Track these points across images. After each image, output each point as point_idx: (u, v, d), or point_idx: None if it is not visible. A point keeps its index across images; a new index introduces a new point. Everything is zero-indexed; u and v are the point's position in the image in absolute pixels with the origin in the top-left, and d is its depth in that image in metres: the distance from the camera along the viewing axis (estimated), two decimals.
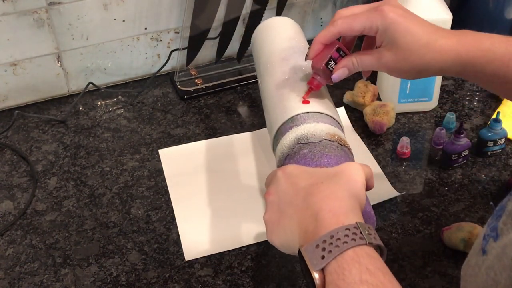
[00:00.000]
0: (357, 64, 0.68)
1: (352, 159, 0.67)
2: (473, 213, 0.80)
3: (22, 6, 0.94)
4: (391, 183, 0.85)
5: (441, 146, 0.88)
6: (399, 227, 0.79)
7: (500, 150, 0.89)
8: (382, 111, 0.93)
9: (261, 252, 0.76)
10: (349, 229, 0.49)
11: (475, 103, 0.99)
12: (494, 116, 0.88)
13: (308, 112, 0.69)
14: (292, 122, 0.69)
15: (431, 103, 0.97)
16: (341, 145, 0.67)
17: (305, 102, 0.71)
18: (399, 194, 0.83)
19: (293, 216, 0.54)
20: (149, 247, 0.78)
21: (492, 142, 0.87)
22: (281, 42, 0.81)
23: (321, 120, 0.69)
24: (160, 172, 0.89)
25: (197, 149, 0.93)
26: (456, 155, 0.85)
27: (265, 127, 0.95)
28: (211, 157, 0.91)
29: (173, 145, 0.94)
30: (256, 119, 0.98)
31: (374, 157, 0.89)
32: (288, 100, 0.72)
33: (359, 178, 0.55)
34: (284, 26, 0.86)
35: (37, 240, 0.80)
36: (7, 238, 0.80)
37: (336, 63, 0.69)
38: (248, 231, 0.79)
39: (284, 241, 0.55)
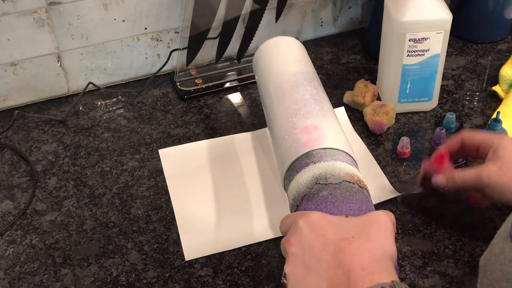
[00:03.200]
0: (457, 178, 0.71)
1: (371, 202, 0.64)
2: (473, 213, 0.80)
3: (22, 6, 0.94)
4: (391, 183, 0.85)
5: None
6: (399, 227, 0.79)
7: None
8: (382, 111, 0.93)
9: (261, 252, 0.77)
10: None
11: (475, 103, 0.99)
12: (494, 116, 0.87)
13: (325, 148, 0.66)
14: (308, 158, 0.66)
15: (431, 103, 0.97)
16: (361, 187, 0.64)
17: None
18: (399, 194, 0.83)
19: (321, 273, 0.51)
20: (149, 247, 0.78)
21: None
22: (289, 65, 0.79)
23: (339, 158, 0.65)
24: (160, 172, 0.89)
25: (197, 149, 0.93)
26: None
27: (265, 127, 0.95)
28: (211, 157, 0.91)
29: (173, 145, 0.94)
30: (256, 119, 0.98)
31: (374, 157, 0.89)
32: (302, 133, 0.68)
33: (389, 232, 0.54)
34: (289, 47, 0.83)
35: (37, 240, 0.80)
36: (7, 238, 0.80)
37: None
38: (248, 231, 0.79)
39: None
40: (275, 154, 0.73)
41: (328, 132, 0.68)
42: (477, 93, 1.01)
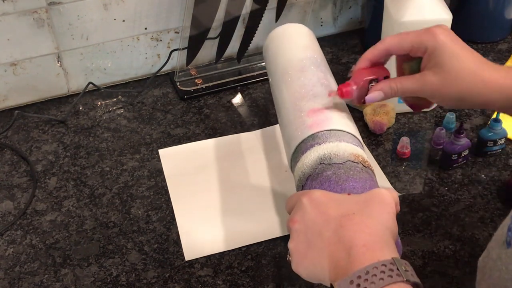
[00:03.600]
0: (396, 88, 0.66)
1: (376, 182, 0.64)
2: (473, 213, 0.80)
3: (22, 6, 0.94)
4: (391, 183, 0.85)
5: (441, 146, 0.88)
6: (399, 227, 0.78)
7: (500, 150, 0.89)
8: (382, 111, 0.93)
9: (261, 252, 0.77)
10: (385, 265, 0.47)
11: None
12: (494, 116, 0.88)
13: (330, 130, 0.66)
14: (313, 139, 0.66)
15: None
16: (365, 167, 0.64)
17: (331, 94, 0.69)
18: (399, 194, 0.83)
19: (323, 248, 0.51)
20: (149, 247, 0.78)
21: (492, 142, 0.87)
22: (297, 51, 0.79)
23: (344, 139, 0.65)
24: (160, 172, 0.89)
25: (197, 149, 0.93)
26: (456, 155, 0.85)
27: (265, 126, 0.95)
28: (211, 157, 0.91)
29: (173, 145, 0.94)
30: (256, 119, 0.98)
31: (374, 157, 0.89)
32: (308, 116, 0.69)
33: (390, 208, 0.54)
34: (298, 34, 0.83)
35: (37, 240, 0.80)
36: (7, 238, 0.80)
37: None
38: (248, 231, 0.79)
39: (311, 273, 0.53)
40: (283, 137, 0.74)
41: (333, 115, 0.68)
42: None
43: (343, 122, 0.68)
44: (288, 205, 0.59)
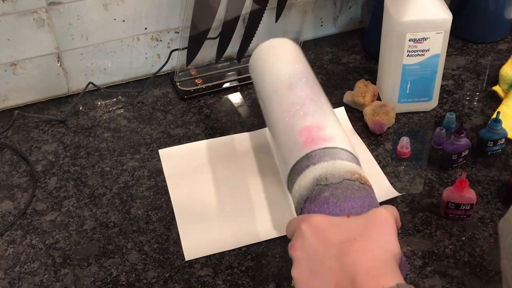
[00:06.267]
0: None
1: (374, 197, 0.64)
2: (473, 212, 0.80)
3: (22, 6, 0.94)
4: (391, 183, 0.85)
5: (441, 146, 0.88)
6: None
7: (500, 150, 0.89)
8: (382, 111, 0.93)
9: (261, 252, 0.77)
10: None
11: (475, 103, 0.99)
12: (494, 116, 0.87)
13: (324, 148, 0.66)
14: (307, 160, 0.65)
15: (431, 103, 0.97)
16: (362, 183, 0.63)
17: None
18: (399, 194, 0.83)
19: (326, 277, 0.51)
20: (149, 247, 0.78)
21: (492, 142, 0.87)
22: (283, 67, 0.78)
23: (338, 156, 0.65)
24: (160, 172, 0.89)
25: (197, 149, 0.93)
26: (456, 155, 0.85)
27: (265, 127, 0.95)
28: (211, 157, 0.91)
29: (173, 145, 0.94)
30: (256, 119, 0.98)
31: (374, 157, 0.89)
32: (300, 135, 0.68)
33: (391, 228, 0.53)
34: (282, 49, 0.82)
35: (37, 240, 0.80)
36: (7, 238, 0.80)
37: None
38: (248, 231, 0.79)
39: None
40: (278, 157, 0.73)
41: (326, 132, 0.68)
42: (477, 93, 1.01)
43: (337, 139, 0.67)
44: (289, 231, 0.58)
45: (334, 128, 0.69)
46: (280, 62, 0.79)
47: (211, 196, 0.84)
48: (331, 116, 0.71)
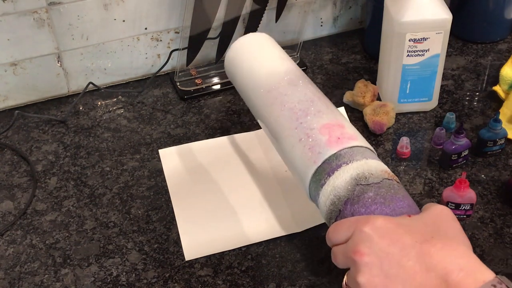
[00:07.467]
0: None
1: (411, 198, 0.60)
2: (473, 212, 0.80)
3: (22, 6, 0.94)
4: None
5: (441, 146, 0.89)
6: None
7: (500, 150, 0.89)
8: (382, 111, 0.93)
9: (261, 252, 0.77)
10: (494, 286, 0.46)
11: (475, 103, 0.99)
12: (494, 116, 0.88)
13: (352, 147, 0.62)
14: (337, 159, 0.61)
15: (431, 103, 0.97)
16: (398, 182, 0.60)
17: None
18: None
19: (407, 280, 0.49)
20: (149, 247, 0.78)
21: (492, 142, 0.87)
22: (276, 64, 0.75)
23: (367, 155, 0.61)
24: (160, 172, 0.89)
25: (197, 149, 0.93)
26: (456, 155, 0.85)
27: None
28: (211, 157, 0.91)
29: (173, 145, 0.94)
30: (256, 119, 0.98)
31: None
32: (321, 133, 0.64)
33: (458, 224, 0.52)
34: (265, 44, 0.79)
35: (37, 240, 0.80)
36: (7, 238, 0.80)
37: None
38: (248, 231, 0.79)
39: None
40: (287, 160, 0.68)
41: (347, 130, 0.65)
42: (477, 93, 1.01)
43: (359, 137, 0.65)
44: (337, 235, 0.55)
45: (351, 127, 0.66)
46: (270, 59, 0.76)
47: (211, 196, 0.84)
48: (340, 114, 0.69)
